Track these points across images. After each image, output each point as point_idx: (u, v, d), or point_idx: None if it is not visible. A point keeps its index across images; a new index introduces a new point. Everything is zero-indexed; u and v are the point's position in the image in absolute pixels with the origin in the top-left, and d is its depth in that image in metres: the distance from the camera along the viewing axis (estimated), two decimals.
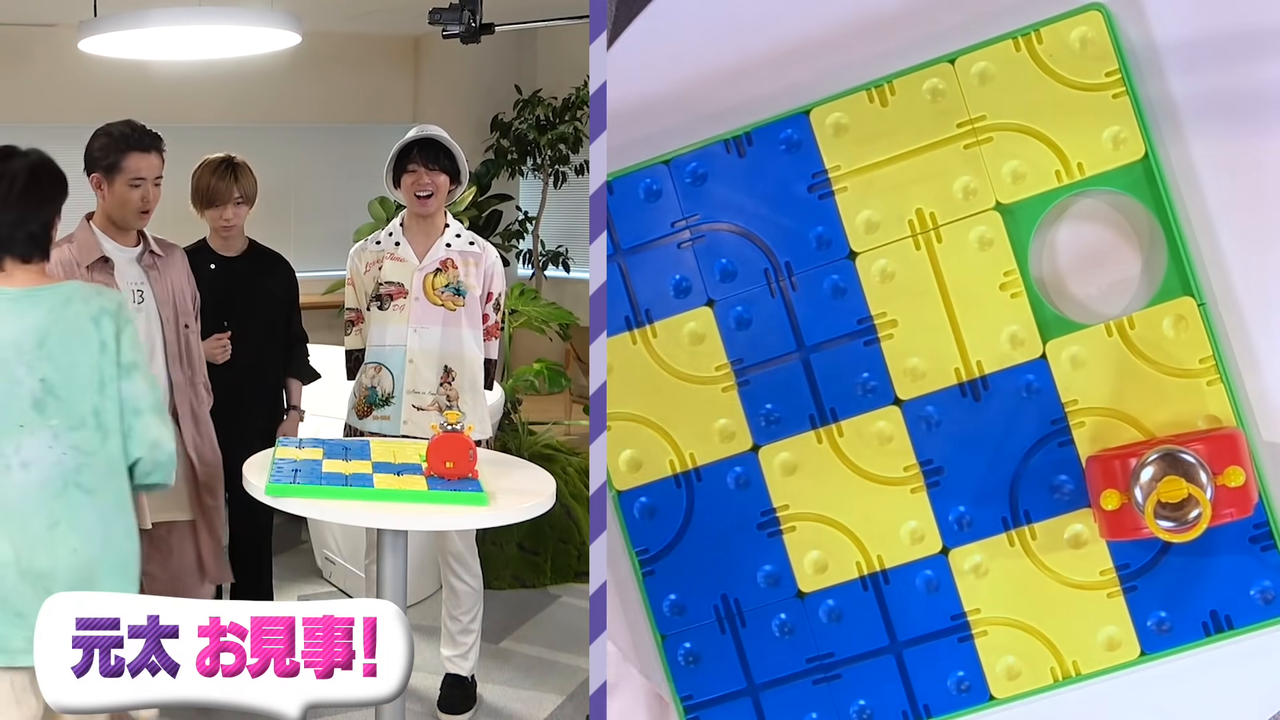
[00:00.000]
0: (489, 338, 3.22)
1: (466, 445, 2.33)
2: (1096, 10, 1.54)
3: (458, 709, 3.30)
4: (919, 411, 1.56)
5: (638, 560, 1.64)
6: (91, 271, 2.68)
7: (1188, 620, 1.54)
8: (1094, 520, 1.53)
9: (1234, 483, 1.44)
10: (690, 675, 1.59)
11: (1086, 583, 1.54)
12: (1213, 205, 1.54)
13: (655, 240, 1.61)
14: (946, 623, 1.56)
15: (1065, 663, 1.55)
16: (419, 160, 3.07)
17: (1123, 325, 1.54)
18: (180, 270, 2.89)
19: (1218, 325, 1.53)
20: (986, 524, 1.55)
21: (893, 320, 1.57)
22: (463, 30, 3.12)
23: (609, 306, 1.61)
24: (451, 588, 3.27)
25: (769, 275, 1.59)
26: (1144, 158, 1.53)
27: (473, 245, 3.17)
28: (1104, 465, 1.48)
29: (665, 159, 1.61)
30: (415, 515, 2.25)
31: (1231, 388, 1.52)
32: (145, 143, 2.74)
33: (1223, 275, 1.54)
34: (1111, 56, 1.54)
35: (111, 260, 2.73)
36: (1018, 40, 1.55)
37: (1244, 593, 1.53)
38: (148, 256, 2.80)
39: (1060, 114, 1.54)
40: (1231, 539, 1.53)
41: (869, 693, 1.58)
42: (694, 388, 1.61)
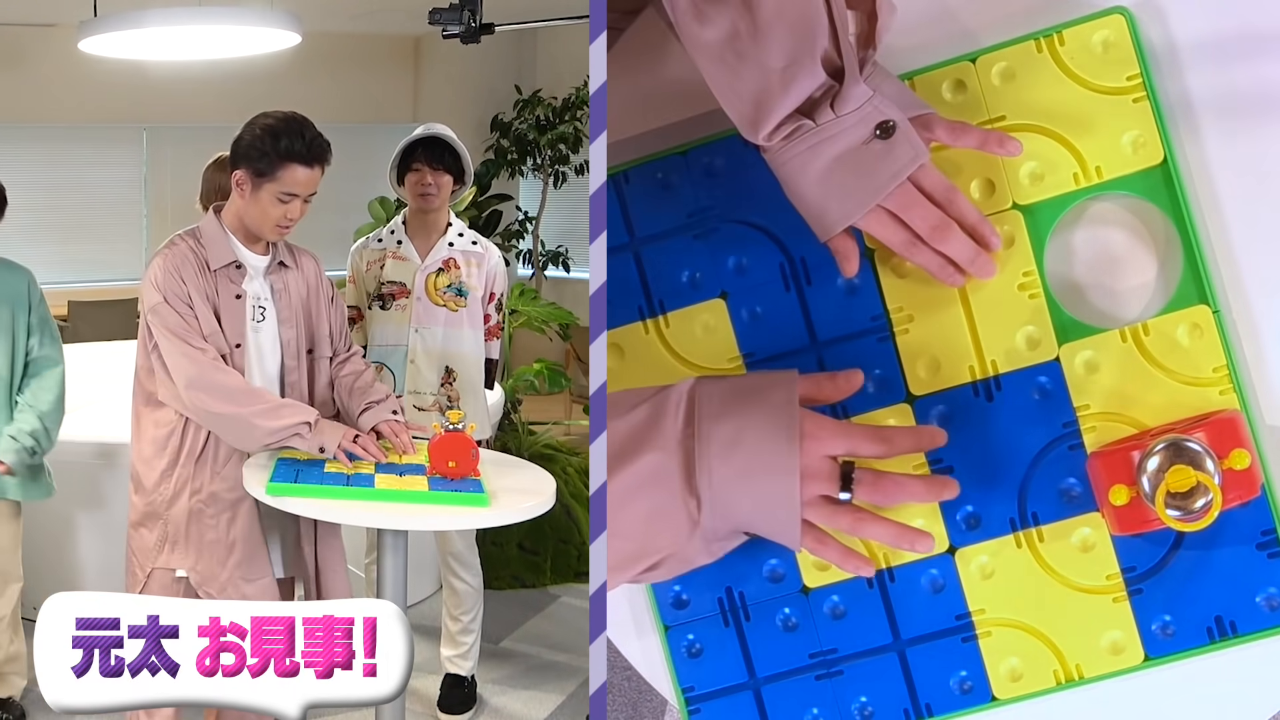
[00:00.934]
0: (490, 338, 3.22)
1: (469, 445, 2.33)
2: (1119, 14, 1.53)
3: (458, 709, 3.30)
4: (930, 409, 1.55)
5: None
6: (220, 275, 2.34)
7: (1192, 624, 1.53)
8: (1103, 520, 1.52)
9: (1239, 465, 1.43)
10: (692, 667, 1.59)
11: (1093, 586, 1.54)
12: (1229, 211, 1.53)
13: (670, 231, 1.60)
14: (951, 622, 1.56)
15: (1069, 666, 1.55)
16: (423, 159, 3.06)
17: (1137, 331, 1.53)
18: (314, 283, 2.49)
19: (1232, 334, 1.52)
20: (994, 524, 1.55)
21: (909, 316, 1.56)
22: (463, 30, 3.11)
23: (622, 295, 1.60)
24: (452, 587, 3.27)
25: (783, 269, 1.58)
26: (1163, 163, 1.52)
27: (475, 245, 3.17)
28: (1107, 460, 1.48)
29: (682, 150, 1.60)
30: (416, 515, 2.24)
31: (1244, 397, 1.52)
32: (311, 155, 2.30)
33: (1238, 282, 1.53)
34: (1133, 60, 1.53)
35: (245, 267, 2.37)
36: (1040, 41, 1.54)
37: (1250, 599, 1.52)
38: (275, 267, 2.42)
39: (1080, 116, 1.53)
40: (1239, 544, 1.52)
41: (871, 690, 1.57)
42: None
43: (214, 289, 2.33)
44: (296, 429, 2.27)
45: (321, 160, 2.32)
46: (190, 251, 2.34)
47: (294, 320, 2.42)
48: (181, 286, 2.31)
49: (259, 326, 2.37)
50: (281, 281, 2.41)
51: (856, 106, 1.37)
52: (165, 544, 2.38)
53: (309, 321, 2.47)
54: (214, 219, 2.39)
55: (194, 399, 2.28)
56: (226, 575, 2.37)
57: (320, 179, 2.34)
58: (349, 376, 2.56)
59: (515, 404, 4.86)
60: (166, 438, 2.36)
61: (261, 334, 2.38)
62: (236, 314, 2.34)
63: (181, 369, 2.28)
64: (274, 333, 2.40)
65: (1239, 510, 1.50)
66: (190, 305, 2.30)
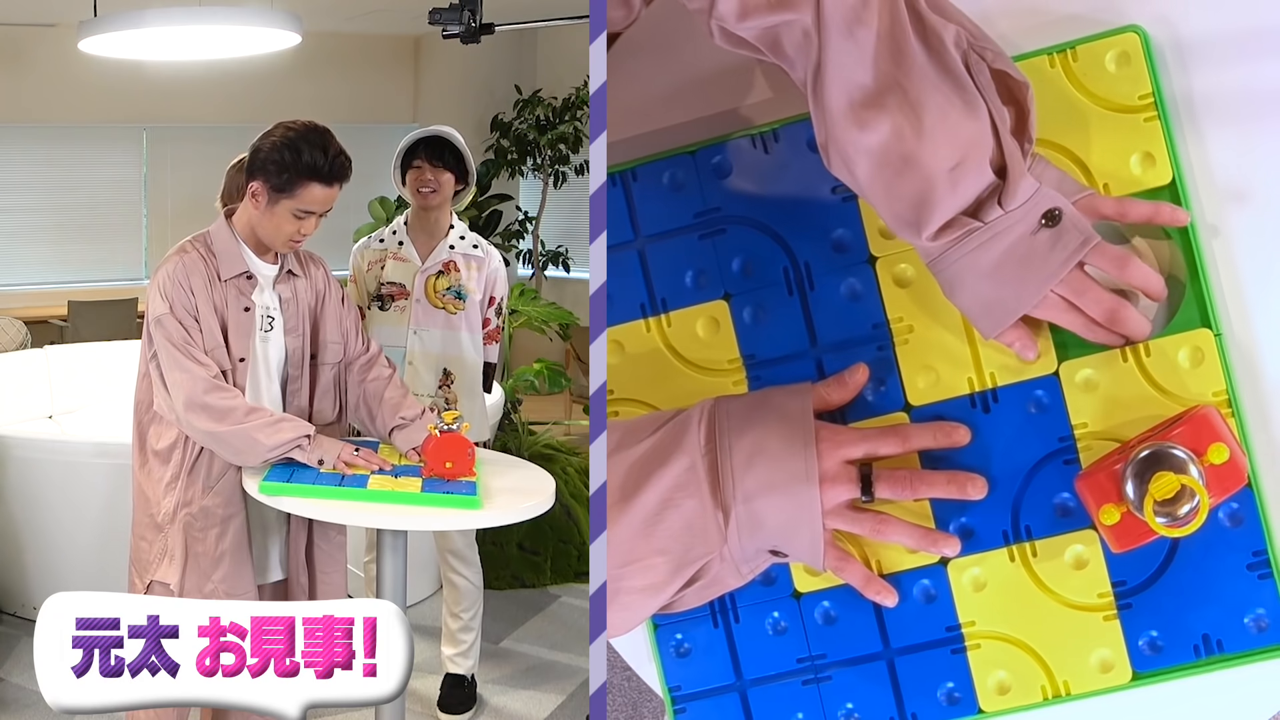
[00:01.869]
0: (489, 342, 3.22)
1: (465, 445, 2.33)
2: (1133, 32, 1.52)
3: (458, 709, 3.30)
4: (927, 419, 1.55)
5: None
6: (230, 286, 2.31)
7: (1179, 641, 1.52)
8: (1097, 537, 1.52)
9: (1218, 460, 1.42)
10: (680, 666, 1.59)
11: (1084, 604, 1.53)
12: (1235, 233, 1.52)
13: (676, 230, 1.60)
14: (941, 633, 1.56)
15: (1056, 681, 1.54)
16: (424, 157, 3.06)
17: (1139, 351, 1.52)
18: (323, 290, 2.47)
19: (1233, 359, 1.51)
20: (988, 537, 1.55)
21: (909, 326, 1.56)
22: (463, 30, 3.11)
23: (624, 293, 1.60)
24: (452, 584, 3.27)
25: (787, 273, 1.58)
26: (1170, 184, 1.52)
27: (476, 249, 3.17)
28: (1092, 482, 1.47)
29: (690, 149, 1.59)
30: (410, 516, 2.24)
31: (1243, 423, 1.51)
32: (333, 174, 2.25)
33: (1241, 306, 1.52)
34: (1146, 79, 1.51)
35: (255, 278, 2.34)
36: (1052, 56, 1.53)
37: (1238, 619, 1.51)
38: (284, 276, 2.38)
39: (1090, 133, 1.52)
40: (1230, 563, 1.51)
41: (857, 697, 1.57)
42: (704, 379, 1.60)
43: (224, 301, 2.30)
44: (296, 442, 2.26)
45: (342, 179, 2.27)
46: (201, 260, 2.30)
47: (300, 329, 2.41)
48: (190, 299, 2.27)
49: (267, 337, 2.35)
50: (290, 290, 2.39)
51: (1024, 200, 1.37)
52: (165, 557, 2.38)
53: (315, 328, 2.45)
54: (226, 226, 2.35)
55: (192, 419, 2.26)
56: (210, 589, 2.35)
57: (338, 196, 2.30)
58: (376, 383, 2.53)
59: (515, 404, 4.87)
60: (169, 451, 2.35)
61: (269, 344, 2.36)
62: (244, 327, 2.32)
63: (181, 386, 2.25)
64: (280, 343, 2.38)
65: (1231, 530, 1.50)
66: (196, 319, 2.27)
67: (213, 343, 2.29)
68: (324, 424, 2.45)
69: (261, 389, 2.37)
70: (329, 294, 2.48)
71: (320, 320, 2.46)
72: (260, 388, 2.37)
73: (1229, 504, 1.50)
